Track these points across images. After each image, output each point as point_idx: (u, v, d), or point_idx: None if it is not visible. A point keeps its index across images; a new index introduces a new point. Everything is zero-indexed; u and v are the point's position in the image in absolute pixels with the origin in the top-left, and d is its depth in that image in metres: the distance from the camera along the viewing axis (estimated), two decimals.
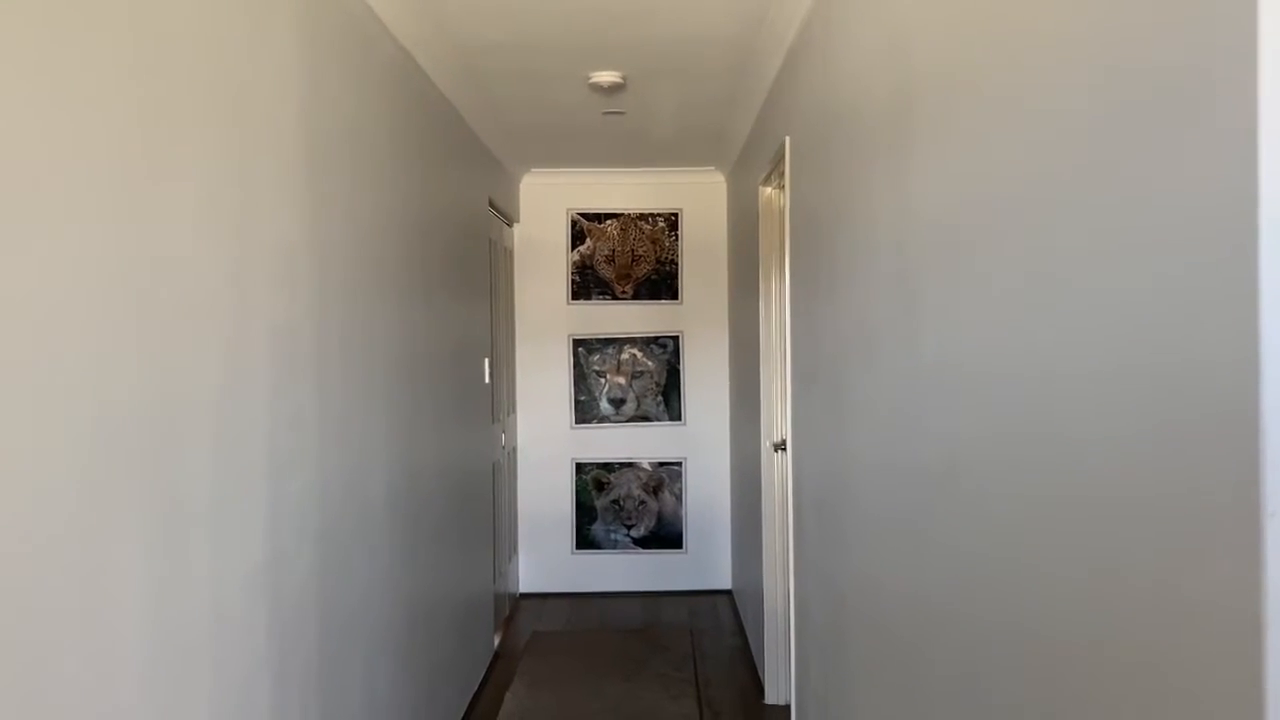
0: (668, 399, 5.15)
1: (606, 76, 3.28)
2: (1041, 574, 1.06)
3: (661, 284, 5.13)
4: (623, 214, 5.12)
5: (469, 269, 3.68)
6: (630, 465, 5.15)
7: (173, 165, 1.41)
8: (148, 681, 1.33)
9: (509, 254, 4.93)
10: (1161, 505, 0.82)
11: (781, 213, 3.40)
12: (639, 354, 5.14)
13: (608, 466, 5.15)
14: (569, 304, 5.12)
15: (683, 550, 5.15)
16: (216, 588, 1.53)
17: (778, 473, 3.51)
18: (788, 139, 2.85)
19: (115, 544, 1.25)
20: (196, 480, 1.47)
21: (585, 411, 5.14)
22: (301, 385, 1.91)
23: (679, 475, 5.15)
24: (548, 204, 5.10)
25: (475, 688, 3.69)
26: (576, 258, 5.12)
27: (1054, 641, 1.03)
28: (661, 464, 5.15)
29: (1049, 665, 1.05)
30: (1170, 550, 0.81)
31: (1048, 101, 1.04)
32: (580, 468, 5.14)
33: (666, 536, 5.16)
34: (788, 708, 3.36)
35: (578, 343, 5.13)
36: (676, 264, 5.13)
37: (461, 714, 3.42)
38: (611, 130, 4.10)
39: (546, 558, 5.13)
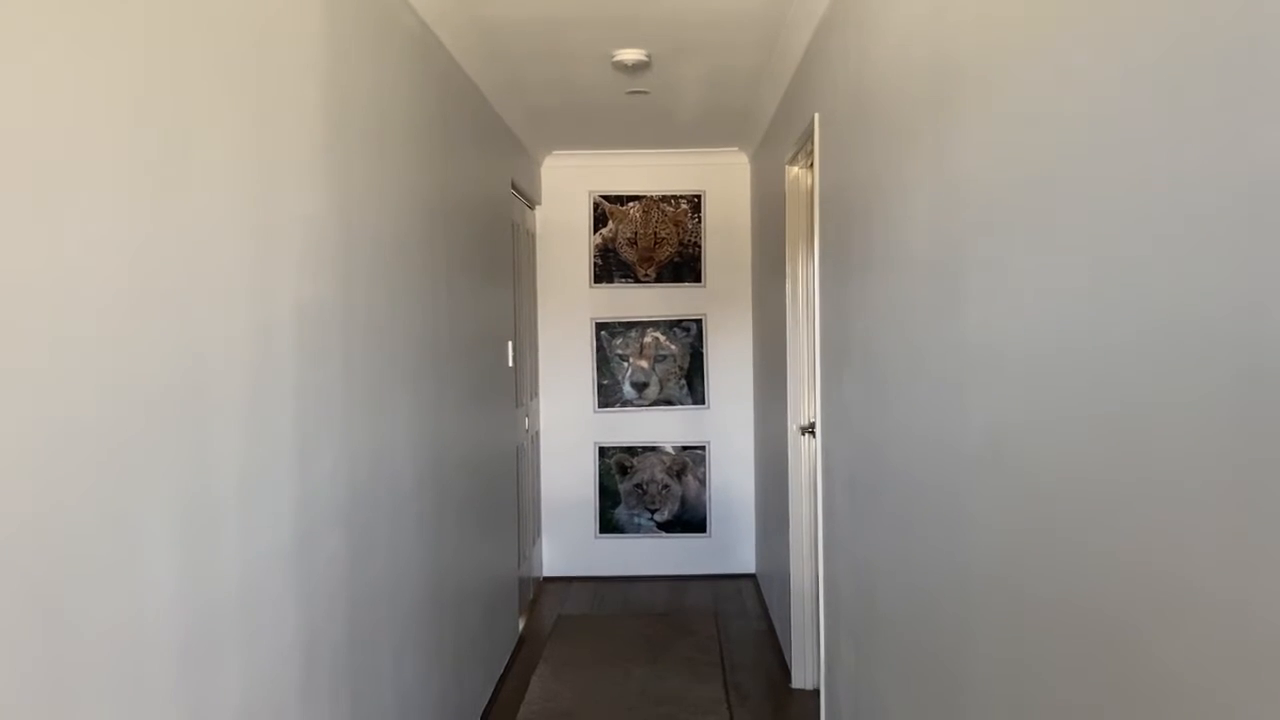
0: (691, 382, 5.11)
1: (631, 54, 3.23)
2: (1093, 560, 1.02)
3: (684, 266, 5.09)
4: (645, 196, 5.08)
5: (491, 251, 3.65)
6: (653, 449, 5.12)
7: (196, 142, 1.38)
8: (179, 663, 1.31)
9: (531, 237, 4.90)
10: (1228, 486, 0.78)
11: (809, 192, 3.34)
12: (662, 337, 5.10)
13: (631, 450, 5.12)
14: (591, 287, 5.08)
15: (706, 534, 5.13)
16: (246, 568, 1.51)
17: (805, 456, 3.47)
18: (817, 116, 2.80)
19: (146, 527, 1.23)
20: (226, 460, 1.45)
21: (608, 395, 5.11)
22: (328, 366, 1.88)
23: (702, 459, 5.12)
24: (570, 186, 5.06)
25: (501, 671, 3.69)
26: (599, 240, 5.08)
27: (1105, 633, 0.99)
28: (685, 448, 5.12)
29: (1099, 658, 1.01)
30: (1237, 535, 0.77)
31: (1102, 65, 0.99)
32: (603, 451, 5.12)
33: (690, 521, 5.13)
34: (816, 692, 3.33)
35: (600, 326, 5.09)
36: (699, 246, 5.08)
37: (488, 697, 3.42)
38: (634, 111, 4.05)
39: (570, 542, 5.12)
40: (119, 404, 1.18)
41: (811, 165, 3.09)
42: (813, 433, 3.35)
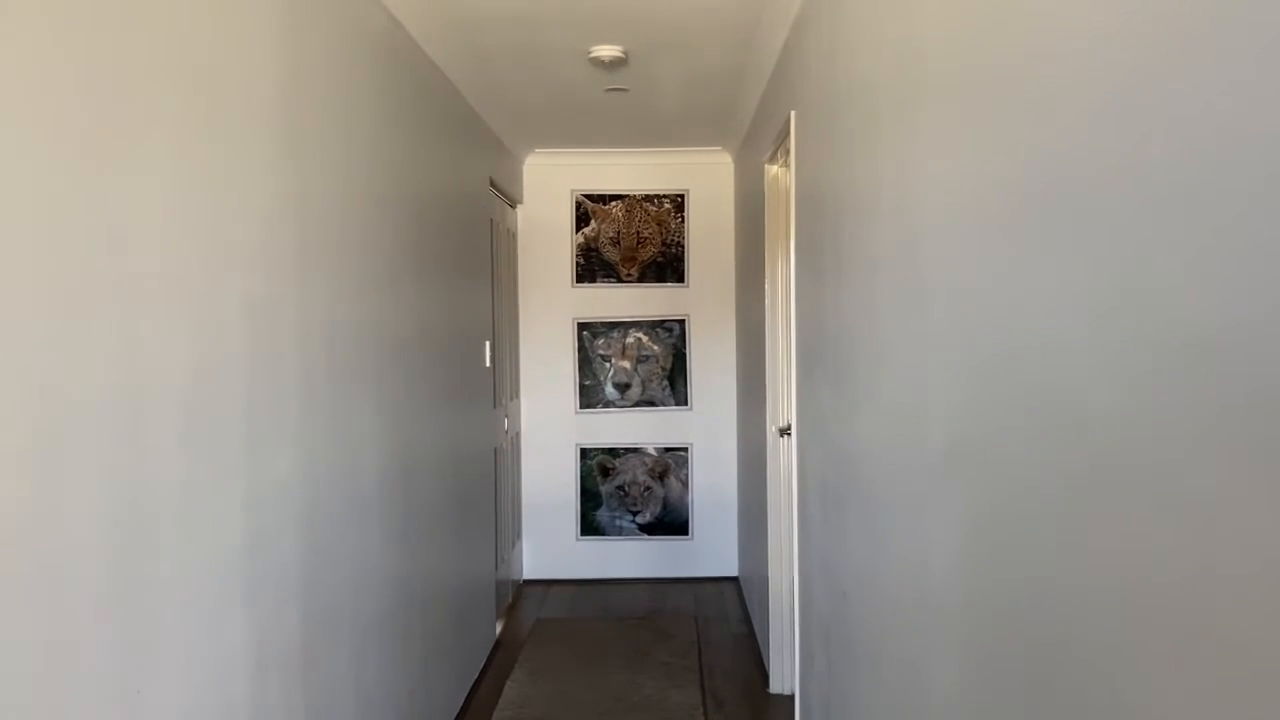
0: (674, 383, 5.07)
1: (607, 51, 3.19)
2: (1048, 563, 0.98)
3: (668, 267, 5.04)
4: (628, 195, 5.03)
5: (468, 250, 3.60)
6: (636, 451, 5.08)
7: (136, 131, 1.33)
8: (105, 682, 1.26)
9: (512, 236, 4.85)
10: (1194, 486, 0.74)
11: (787, 192, 3.30)
12: (644, 338, 5.06)
13: (613, 452, 5.07)
14: (573, 287, 5.03)
15: (689, 537, 5.08)
16: (183, 575, 1.46)
17: (783, 458, 3.43)
18: (793, 113, 2.76)
19: (71, 535, 1.18)
20: (164, 465, 1.40)
21: (590, 396, 5.06)
22: (283, 365, 1.84)
23: (685, 461, 5.07)
24: (552, 185, 5.01)
25: (475, 676, 3.64)
26: (581, 240, 5.03)
27: (1065, 637, 0.95)
28: (667, 449, 5.08)
29: (1057, 665, 0.97)
30: (1206, 539, 0.73)
31: (1047, 75, 0.95)
32: (585, 453, 5.07)
33: (672, 523, 5.09)
34: (792, 697, 3.29)
35: (582, 326, 5.05)
36: (683, 246, 5.03)
37: (460, 703, 3.37)
38: (615, 108, 4.01)
39: (551, 544, 5.06)
40: (44, 405, 1.13)
41: (789, 164, 3.05)
42: (790, 435, 3.31)
